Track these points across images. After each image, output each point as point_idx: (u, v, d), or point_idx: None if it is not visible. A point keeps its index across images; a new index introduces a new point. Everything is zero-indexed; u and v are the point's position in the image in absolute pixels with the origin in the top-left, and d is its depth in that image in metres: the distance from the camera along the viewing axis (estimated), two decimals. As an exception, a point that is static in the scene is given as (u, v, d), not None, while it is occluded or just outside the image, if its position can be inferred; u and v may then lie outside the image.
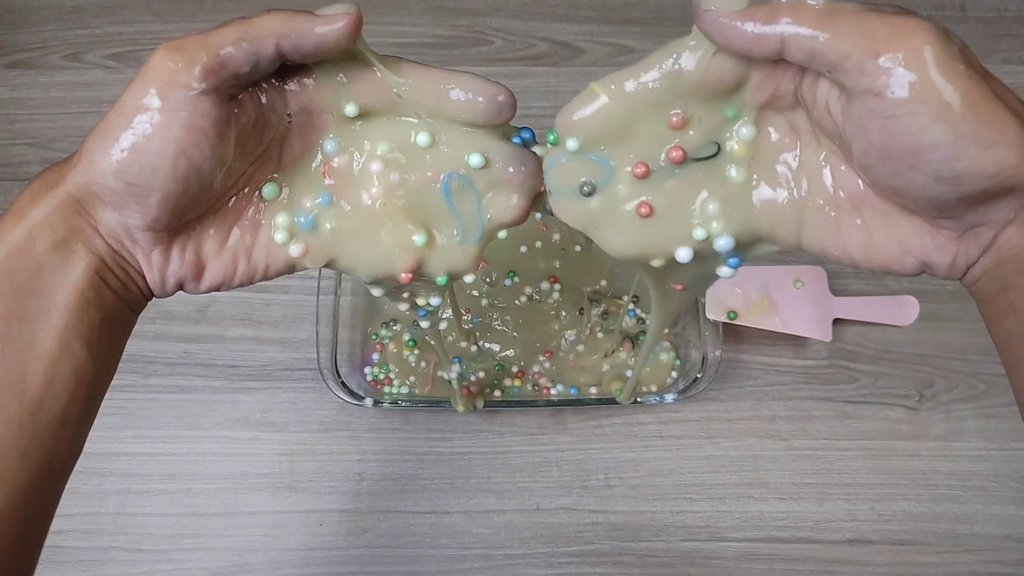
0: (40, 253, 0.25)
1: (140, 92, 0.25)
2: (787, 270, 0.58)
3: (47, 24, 0.70)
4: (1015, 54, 0.68)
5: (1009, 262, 0.24)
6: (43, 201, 0.26)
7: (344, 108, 0.29)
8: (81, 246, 0.26)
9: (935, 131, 0.21)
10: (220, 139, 0.26)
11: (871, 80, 0.22)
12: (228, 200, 0.29)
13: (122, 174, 0.25)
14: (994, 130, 0.21)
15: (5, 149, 0.65)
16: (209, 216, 0.28)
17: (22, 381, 0.25)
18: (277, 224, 0.29)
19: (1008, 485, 0.55)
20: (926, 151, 0.22)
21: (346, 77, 0.29)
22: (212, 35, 0.26)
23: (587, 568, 0.53)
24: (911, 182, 0.23)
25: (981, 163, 0.22)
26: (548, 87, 0.67)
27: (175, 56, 0.25)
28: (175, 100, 0.24)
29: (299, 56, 0.27)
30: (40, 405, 0.25)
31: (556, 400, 0.55)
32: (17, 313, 0.25)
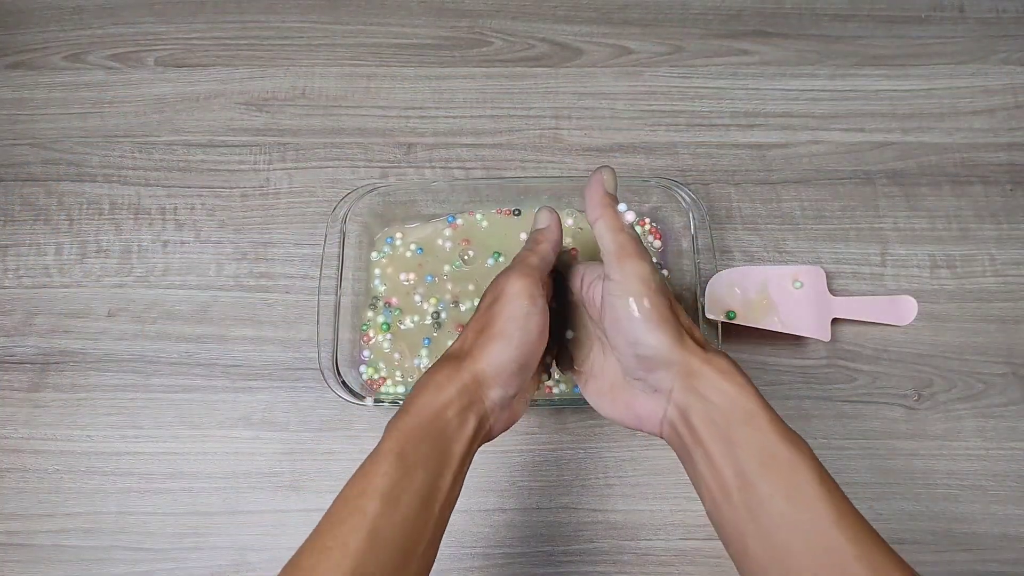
0: (450, 417, 0.38)
1: (518, 306, 0.39)
2: (786, 270, 0.58)
3: (48, 25, 0.70)
4: (1013, 54, 0.68)
5: (676, 419, 0.37)
6: (456, 380, 0.38)
7: None
8: (473, 414, 0.39)
9: (627, 312, 0.37)
10: (547, 321, 0.41)
11: (612, 271, 0.38)
12: None
13: (519, 359, 0.39)
14: (659, 323, 0.37)
15: (7, 149, 0.65)
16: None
17: (432, 500, 0.36)
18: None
19: (1006, 484, 0.55)
20: (623, 321, 0.38)
21: None
22: (531, 258, 0.42)
23: (587, 567, 0.53)
24: (617, 343, 0.39)
25: (647, 339, 0.37)
26: (548, 88, 0.67)
27: (529, 279, 0.40)
28: (539, 306, 0.40)
29: None
30: (436, 517, 0.36)
31: (556, 399, 0.55)
32: (436, 456, 0.37)
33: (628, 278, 0.38)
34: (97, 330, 0.60)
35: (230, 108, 0.66)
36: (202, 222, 0.63)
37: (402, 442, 0.36)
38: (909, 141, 0.65)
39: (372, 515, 0.34)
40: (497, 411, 0.40)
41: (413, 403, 0.38)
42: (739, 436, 0.34)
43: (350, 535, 0.34)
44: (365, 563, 0.33)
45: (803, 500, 0.33)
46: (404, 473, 0.35)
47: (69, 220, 0.63)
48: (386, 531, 0.34)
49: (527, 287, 0.39)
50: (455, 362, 0.39)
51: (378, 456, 0.36)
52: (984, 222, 0.62)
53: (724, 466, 0.35)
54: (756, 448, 0.34)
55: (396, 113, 0.66)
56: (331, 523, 0.35)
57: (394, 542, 0.34)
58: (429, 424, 0.37)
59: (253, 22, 0.70)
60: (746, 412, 0.35)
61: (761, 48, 0.68)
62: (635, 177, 0.62)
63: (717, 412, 0.35)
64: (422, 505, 0.36)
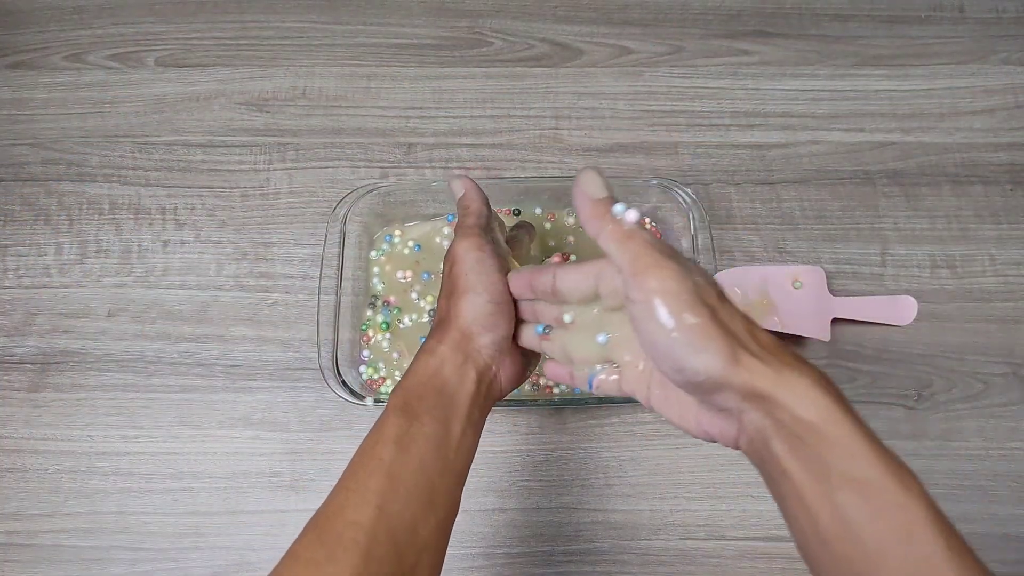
0: (448, 373, 0.39)
1: (470, 258, 0.41)
2: (786, 270, 0.58)
3: (49, 25, 0.70)
4: (1013, 54, 0.68)
5: (754, 440, 0.32)
6: (446, 339, 0.40)
7: None
8: (471, 366, 0.40)
9: (658, 336, 0.31)
10: (504, 264, 0.42)
11: (631, 291, 0.32)
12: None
13: (491, 298, 0.40)
14: (703, 342, 0.30)
15: (7, 149, 0.65)
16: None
17: (445, 448, 0.38)
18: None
19: (1006, 484, 0.55)
20: (660, 347, 0.31)
21: None
22: (467, 219, 0.44)
23: (587, 567, 0.53)
24: (664, 368, 0.32)
25: (692, 363, 0.31)
26: (548, 88, 0.67)
27: (470, 236, 0.42)
28: (488, 250, 0.41)
29: None
30: (452, 465, 0.38)
31: (556, 399, 0.55)
32: (440, 407, 0.38)
33: (651, 298, 0.31)
34: (97, 330, 0.60)
35: (230, 108, 0.66)
36: (202, 222, 0.63)
37: (405, 398, 0.38)
38: (909, 141, 0.65)
39: (388, 460, 0.36)
40: (497, 357, 0.41)
41: (411, 368, 0.40)
42: (836, 475, 0.29)
43: (370, 478, 0.35)
44: (388, 501, 0.35)
45: (919, 541, 0.28)
46: (411, 422, 0.37)
47: (69, 220, 0.63)
48: (403, 474, 0.36)
49: (472, 242, 0.42)
50: (440, 327, 0.41)
51: (385, 413, 0.38)
52: (984, 222, 0.62)
53: (820, 510, 0.29)
54: (858, 492, 0.29)
55: (396, 113, 0.66)
56: (351, 471, 0.36)
57: (413, 485, 0.36)
58: (428, 381, 0.39)
59: (253, 22, 0.70)
60: (842, 443, 0.29)
61: (761, 48, 0.68)
62: (635, 177, 0.62)
63: (802, 445, 0.30)
64: (436, 450, 0.37)
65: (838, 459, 0.29)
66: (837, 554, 0.29)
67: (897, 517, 0.28)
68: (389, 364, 0.56)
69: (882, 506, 0.28)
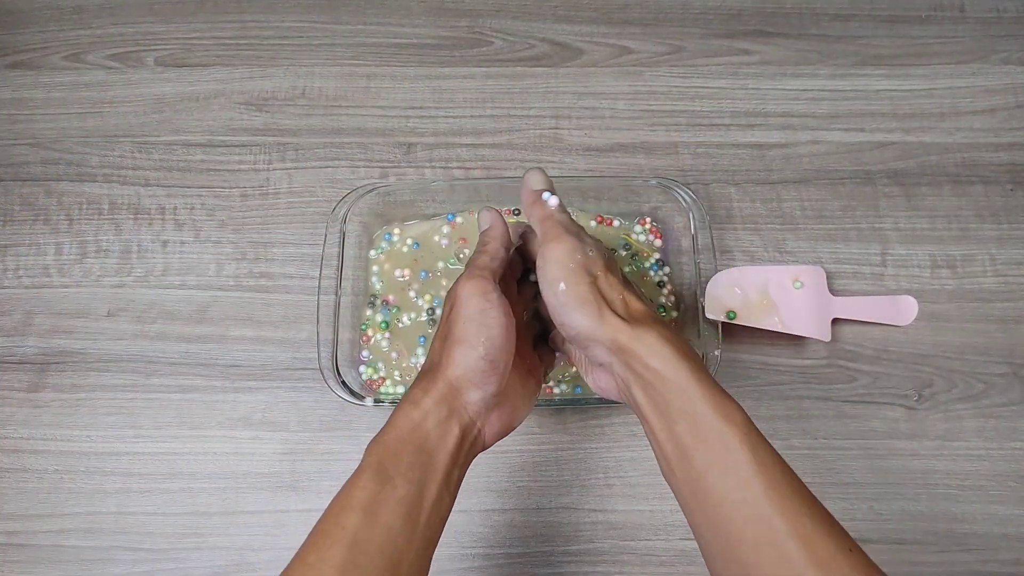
0: (430, 428, 0.38)
1: (473, 306, 0.39)
2: (786, 270, 0.58)
3: (48, 25, 0.70)
4: (1014, 54, 0.68)
5: (623, 389, 0.39)
6: (432, 392, 0.38)
7: None
8: (455, 422, 0.38)
9: (548, 294, 0.39)
10: (511, 315, 0.40)
11: (538, 257, 0.40)
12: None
13: (487, 355, 0.38)
14: (577, 303, 0.38)
15: (6, 149, 0.65)
16: (510, 388, 0.42)
17: (417, 513, 0.36)
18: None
19: (1006, 484, 0.55)
20: (550, 307, 0.39)
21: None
22: (481, 258, 0.42)
23: (587, 567, 0.53)
24: (556, 322, 0.40)
25: (569, 318, 0.39)
26: (548, 88, 0.67)
27: (479, 279, 0.40)
28: (494, 301, 0.39)
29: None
30: (423, 531, 0.36)
31: (556, 399, 0.55)
32: (418, 466, 0.37)
33: (547, 264, 0.39)
34: (97, 330, 0.60)
35: (230, 108, 0.66)
36: (202, 222, 0.63)
37: (380, 456, 0.37)
38: (909, 141, 0.65)
39: (352, 528, 0.34)
40: (483, 414, 0.40)
41: (391, 420, 0.38)
42: (675, 410, 0.35)
43: (331, 549, 0.34)
44: (347, 574, 0.33)
45: (735, 474, 0.33)
46: (383, 485, 0.36)
47: (69, 220, 0.63)
48: (368, 544, 0.34)
49: (479, 286, 0.39)
50: (429, 375, 0.40)
51: (358, 472, 0.37)
52: (984, 222, 0.62)
53: (665, 441, 0.36)
54: (689, 422, 0.35)
55: (396, 113, 0.66)
56: (313, 539, 0.35)
57: (378, 555, 0.34)
58: (408, 436, 0.37)
59: (253, 22, 0.70)
60: (678, 385, 0.35)
61: (761, 48, 0.68)
62: (635, 177, 0.62)
63: (651, 388, 0.36)
64: (406, 516, 0.35)
65: (675, 398, 0.35)
66: (679, 476, 0.35)
67: (715, 441, 0.34)
68: (388, 364, 0.56)
69: (705, 432, 0.34)
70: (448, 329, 0.40)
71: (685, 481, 0.35)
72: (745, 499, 0.33)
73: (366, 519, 0.35)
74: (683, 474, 0.35)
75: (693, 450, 0.34)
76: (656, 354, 0.36)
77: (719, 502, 0.33)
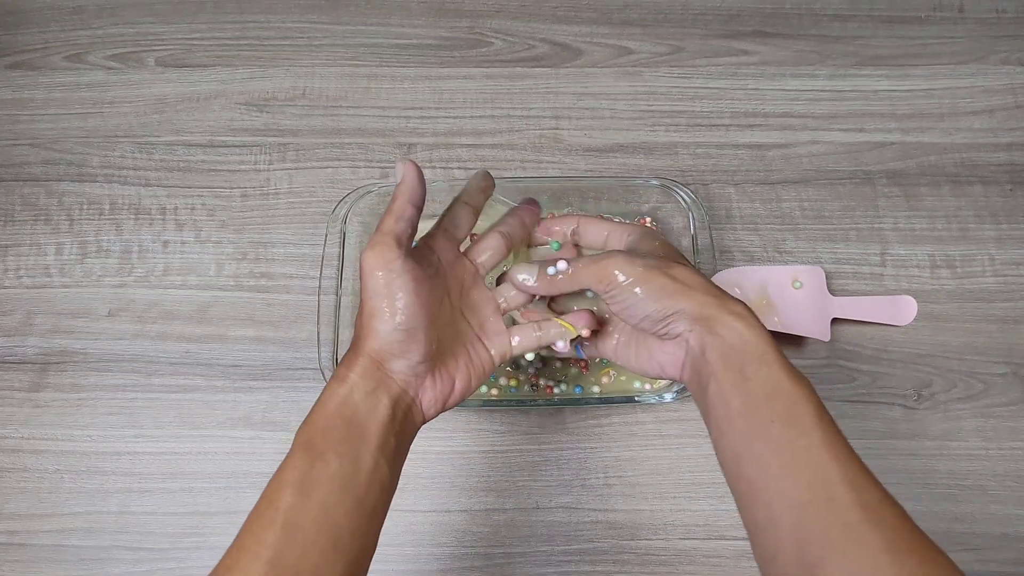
0: (358, 401, 0.38)
1: (376, 278, 0.37)
2: (786, 270, 0.58)
3: (49, 25, 0.70)
4: (1013, 54, 0.68)
5: (695, 355, 0.40)
6: (355, 366, 0.38)
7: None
8: (383, 392, 0.38)
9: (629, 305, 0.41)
10: (425, 279, 0.39)
11: (604, 292, 0.42)
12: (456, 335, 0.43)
13: (401, 325, 0.37)
14: (660, 294, 0.40)
15: (7, 149, 0.65)
16: (447, 351, 0.42)
17: (354, 485, 0.36)
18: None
19: (1006, 484, 0.55)
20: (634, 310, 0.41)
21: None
22: (386, 221, 0.38)
23: (586, 566, 0.53)
24: (637, 320, 0.42)
25: (655, 308, 0.40)
26: (548, 88, 0.67)
27: (381, 246, 0.37)
28: (398, 268, 0.37)
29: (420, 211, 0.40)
30: (362, 503, 0.36)
31: (556, 399, 0.55)
32: (349, 440, 0.37)
33: (614, 282, 0.41)
34: (97, 330, 0.60)
35: (230, 108, 0.66)
36: (202, 222, 0.63)
37: (310, 434, 0.37)
38: (909, 141, 0.65)
39: (284, 507, 0.34)
40: (413, 382, 0.40)
41: (319, 400, 0.38)
42: (750, 370, 0.37)
43: (266, 531, 0.34)
44: (283, 554, 0.33)
45: (798, 426, 0.35)
46: (314, 462, 0.35)
47: (69, 220, 0.63)
48: (303, 521, 0.34)
49: (380, 257, 0.37)
50: (352, 351, 0.39)
51: (289, 454, 0.37)
52: (984, 222, 0.62)
53: (733, 396, 0.37)
54: (763, 381, 0.37)
55: (396, 113, 0.66)
56: (248, 524, 0.35)
57: (315, 531, 0.34)
58: (336, 412, 0.37)
59: (253, 22, 0.70)
60: (758, 350, 0.38)
61: (761, 48, 0.68)
62: (635, 177, 0.62)
63: (731, 349, 0.38)
64: (342, 491, 0.35)
65: (751, 363, 0.38)
66: (738, 429, 0.37)
67: (785, 396, 0.36)
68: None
69: (777, 388, 0.37)
70: (362, 302, 0.39)
71: (745, 432, 0.37)
72: (805, 446, 0.35)
73: (299, 497, 0.34)
74: (745, 426, 0.37)
75: (763, 404, 0.37)
76: (741, 319, 0.39)
77: (780, 448, 0.35)
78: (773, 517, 0.35)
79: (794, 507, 0.34)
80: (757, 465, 0.36)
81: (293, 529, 0.34)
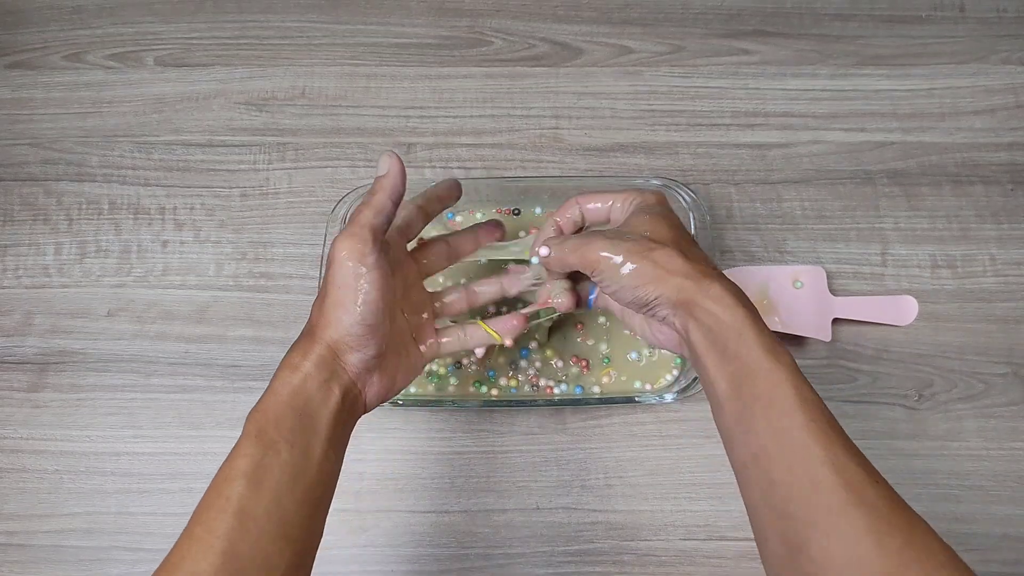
0: (311, 390, 0.38)
1: (346, 270, 0.38)
2: (786, 270, 0.58)
3: (48, 24, 0.70)
4: (1014, 54, 0.68)
5: (683, 336, 0.41)
6: (311, 355, 0.38)
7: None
8: (336, 383, 0.38)
9: (615, 284, 0.42)
10: (389, 276, 0.39)
11: (591, 275, 0.43)
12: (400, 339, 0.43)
13: (363, 320, 0.38)
14: (643, 281, 0.41)
15: (6, 149, 0.65)
16: (389, 347, 0.41)
17: (304, 475, 0.36)
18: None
19: (1007, 484, 0.55)
20: (621, 294, 0.42)
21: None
22: (363, 213, 0.39)
23: (587, 567, 0.53)
24: (625, 302, 0.42)
25: (641, 294, 0.41)
26: (548, 88, 0.67)
27: (355, 238, 0.38)
28: (370, 263, 0.38)
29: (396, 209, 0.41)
30: (311, 492, 0.36)
31: (556, 399, 0.55)
32: (300, 430, 0.37)
33: (600, 263, 0.42)
34: (97, 330, 0.59)
35: (230, 108, 0.66)
36: (202, 222, 0.63)
37: (261, 423, 0.36)
38: (909, 141, 0.65)
39: (237, 497, 0.34)
40: (364, 375, 0.40)
41: (271, 387, 0.38)
42: (730, 352, 0.37)
43: (217, 519, 0.34)
44: (236, 543, 0.33)
45: (779, 406, 0.36)
46: (265, 451, 0.36)
47: (68, 220, 0.63)
48: (255, 510, 0.34)
49: (353, 248, 0.38)
50: (307, 337, 0.39)
51: (239, 442, 0.36)
52: (985, 222, 0.62)
53: (719, 379, 0.38)
54: (743, 362, 0.37)
55: (396, 113, 0.66)
56: (199, 513, 0.35)
57: (266, 520, 0.34)
58: (288, 401, 0.37)
59: (253, 22, 0.70)
60: (735, 331, 0.38)
61: (761, 48, 0.68)
62: (635, 177, 0.62)
63: (710, 332, 0.38)
64: (292, 481, 0.36)
65: (731, 341, 0.37)
66: (727, 410, 0.37)
67: (765, 377, 0.36)
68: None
69: (756, 369, 0.36)
70: (325, 290, 0.39)
71: (733, 414, 0.37)
72: (787, 427, 0.35)
73: (251, 487, 0.35)
74: (732, 408, 0.37)
75: (744, 385, 0.37)
76: (718, 301, 0.38)
77: (762, 431, 0.36)
78: (763, 498, 0.36)
79: (779, 489, 0.35)
80: (746, 447, 0.37)
81: (245, 519, 0.34)
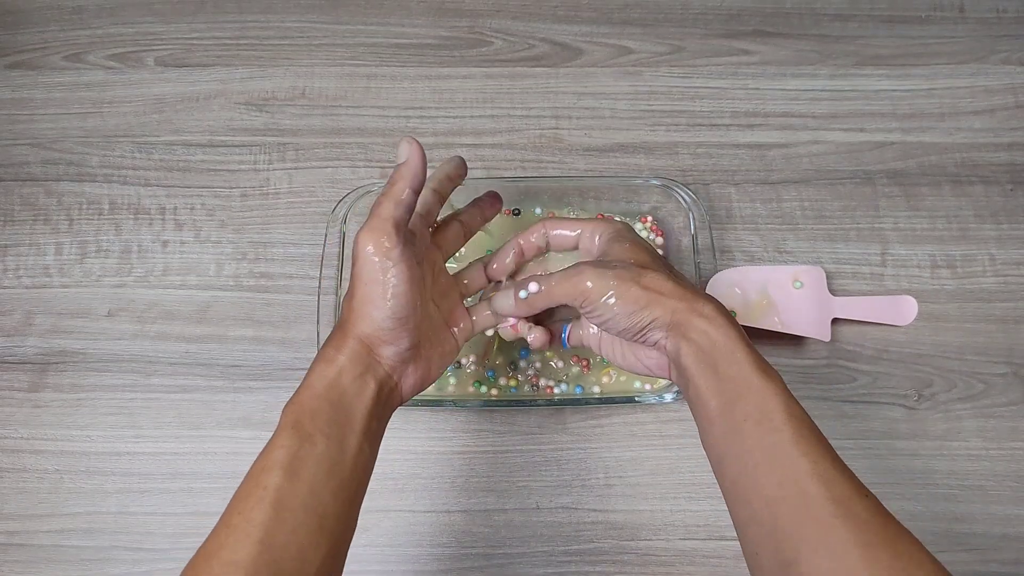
0: (346, 384, 0.38)
1: (371, 265, 0.38)
2: (786, 270, 0.58)
3: (48, 25, 0.70)
4: (1014, 54, 0.68)
5: (674, 359, 0.41)
6: (344, 349, 0.38)
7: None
8: (371, 376, 0.39)
9: (604, 314, 0.41)
10: (416, 267, 0.39)
11: (580, 307, 0.42)
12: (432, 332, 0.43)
13: (394, 314, 0.38)
14: (635, 307, 0.40)
15: (6, 149, 0.65)
16: (423, 336, 0.42)
17: (340, 467, 0.36)
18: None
19: (1006, 484, 0.55)
20: (610, 324, 0.41)
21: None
22: (383, 206, 0.38)
23: (587, 567, 0.53)
24: (616, 331, 0.42)
25: (630, 322, 0.41)
26: (548, 88, 0.67)
27: (377, 232, 0.38)
28: (395, 256, 0.38)
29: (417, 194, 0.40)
30: (346, 484, 0.37)
31: (556, 399, 0.55)
32: (337, 423, 0.37)
33: (589, 295, 0.41)
34: (97, 330, 0.60)
35: (230, 108, 0.66)
36: (202, 222, 0.63)
37: (298, 415, 0.37)
38: (909, 141, 0.65)
39: (274, 487, 0.34)
40: (399, 367, 0.40)
41: (307, 380, 0.38)
42: (722, 371, 0.38)
43: (255, 510, 0.34)
44: (273, 533, 0.33)
45: (769, 422, 0.36)
46: (302, 443, 0.36)
47: (69, 220, 0.63)
48: (291, 502, 0.34)
49: (378, 242, 0.38)
50: (340, 332, 0.39)
51: (276, 433, 0.37)
52: (984, 222, 0.62)
53: (710, 397, 0.38)
54: (734, 380, 0.38)
55: (396, 113, 0.66)
56: (236, 502, 0.35)
57: (303, 511, 0.34)
58: (324, 394, 0.37)
59: (253, 22, 0.70)
60: (727, 350, 0.38)
61: (761, 48, 0.68)
62: (635, 177, 0.62)
63: (702, 352, 0.39)
64: (328, 472, 0.36)
65: (722, 362, 0.38)
66: (717, 428, 0.38)
67: (755, 394, 0.37)
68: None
69: (747, 387, 0.37)
70: (353, 286, 0.39)
71: (724, 432, 0.37)
72: (776, 442, 0.35)
73: (288, 478, 0.35)
74: (723, 426, 0.37)
75: (736, 402, 0.37)
76: (711, 321, 0.39)
77: (752, 447, 0.36)
78: (753, 515, 0.36)
79: (769, 504, 0.35)
80: (736, 464, 0.37)
81: (282, 509, 0.34)
